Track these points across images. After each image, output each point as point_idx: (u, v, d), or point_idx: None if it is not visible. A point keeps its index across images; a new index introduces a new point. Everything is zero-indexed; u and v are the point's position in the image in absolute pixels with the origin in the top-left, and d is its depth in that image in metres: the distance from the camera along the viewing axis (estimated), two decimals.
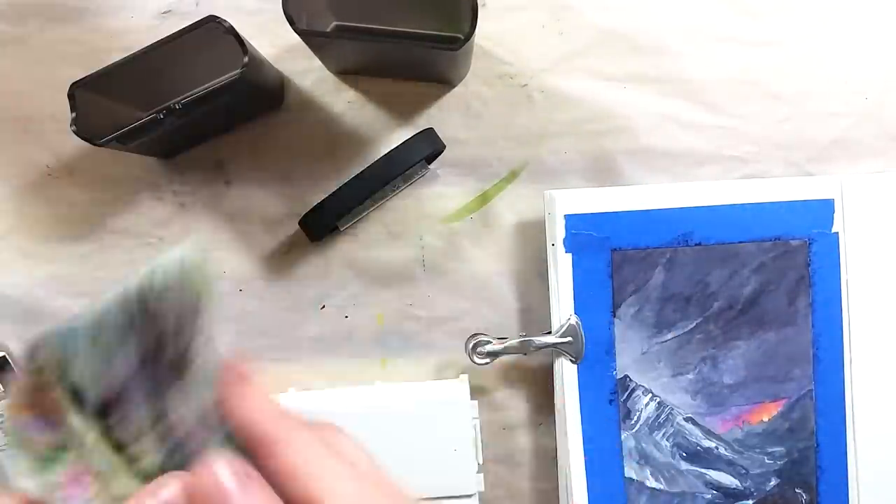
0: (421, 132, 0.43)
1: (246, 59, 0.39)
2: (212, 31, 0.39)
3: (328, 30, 0.43)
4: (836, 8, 0.46)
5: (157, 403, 0.25)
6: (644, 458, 0.44)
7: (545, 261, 0.44)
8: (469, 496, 0.42)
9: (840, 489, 0.44)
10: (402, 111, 0.46)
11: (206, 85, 0.44)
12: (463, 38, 0.38)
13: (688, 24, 0.46)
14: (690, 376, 0.44)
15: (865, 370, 0.43)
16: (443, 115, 0.46)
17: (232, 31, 0.39)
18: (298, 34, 0.38)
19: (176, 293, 0.25)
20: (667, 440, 0.44)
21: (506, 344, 0.43)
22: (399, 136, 0.46)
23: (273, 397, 0.25)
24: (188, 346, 0.25)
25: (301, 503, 0.22)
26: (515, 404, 0.47)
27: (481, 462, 0.44)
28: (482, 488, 0.43)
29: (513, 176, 0.47)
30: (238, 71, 0.39)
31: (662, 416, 0.44)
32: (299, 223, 0.44)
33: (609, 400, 0.43)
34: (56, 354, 0.25)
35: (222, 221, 0.47)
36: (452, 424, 0.42)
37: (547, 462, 0.47)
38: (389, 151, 0.42)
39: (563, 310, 0.43)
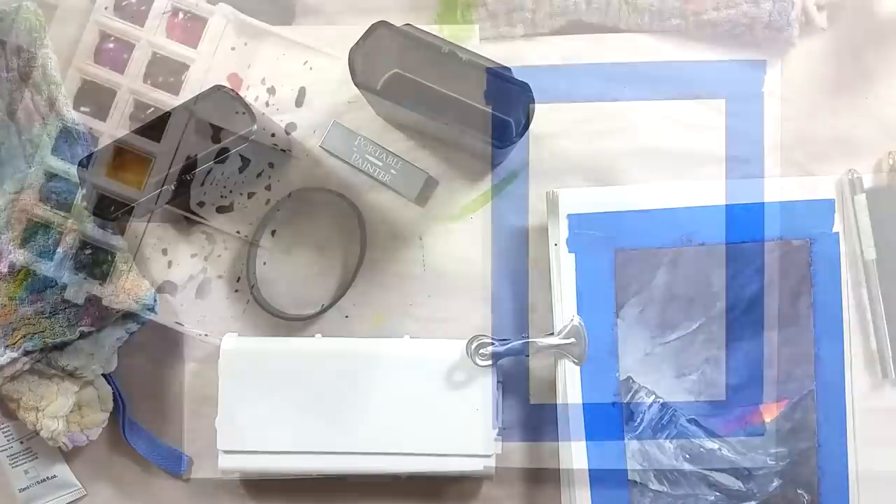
0: None
1: (254, 127, 0.39)
2: (220, 97, 0.39)
3: (387, 75, 0.41)
4: None
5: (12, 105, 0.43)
6: (647, 461, 0.43)
7: (546, 261, 0.43)
8: (487, 456, 0.42)
9: (841, 489, 0.44)
10: None
11: (217, 146, 0.41)
12: (514, 134, 0.39)
13: None
14: (693, 377, 0.43)
15: (865, 370, 0.43)
16: None
17: (239, 99, 0.39)
18: (356, 85, 0.39)
19: (13, 25, 0.43)
20: (670, 442, 0.43)
21: (508, 346, 0.42)
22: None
23: None
24: (28, 62, 0.43)
25: None
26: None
27: (501, 426, 0.43)
28: (500, 451, 0.42)
29: (513, 176, 0.46)
30: (245, 143, 0.39)
31: (666, 418, 0.43)
32: None
33: (612, 402, 0.43)
34: None
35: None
36: (475, 384, 0.42)
37: None
38: None
39: (565, 311, 0.43)
